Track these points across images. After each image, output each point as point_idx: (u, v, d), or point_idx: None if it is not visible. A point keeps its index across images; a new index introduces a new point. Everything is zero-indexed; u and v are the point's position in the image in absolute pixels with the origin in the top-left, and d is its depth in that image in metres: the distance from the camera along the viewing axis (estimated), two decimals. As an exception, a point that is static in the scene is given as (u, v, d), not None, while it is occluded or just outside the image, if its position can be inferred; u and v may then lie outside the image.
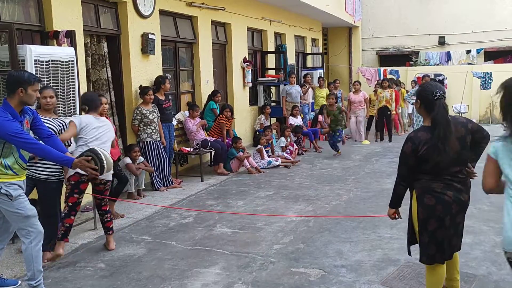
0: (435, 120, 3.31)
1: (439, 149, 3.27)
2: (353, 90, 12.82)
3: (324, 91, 13.41)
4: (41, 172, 4.69)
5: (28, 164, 4.39)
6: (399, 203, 3.61)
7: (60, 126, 4.82)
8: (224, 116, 9.23)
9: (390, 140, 12.61)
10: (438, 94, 3.34)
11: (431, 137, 3.30)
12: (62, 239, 4.73)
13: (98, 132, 4.90)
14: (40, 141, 3.89)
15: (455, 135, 3.32)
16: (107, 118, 6.10)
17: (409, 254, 3.71)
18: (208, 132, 9.27)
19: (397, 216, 3.67)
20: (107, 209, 5.14)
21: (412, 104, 10.55)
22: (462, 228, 3.55)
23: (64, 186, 5.02)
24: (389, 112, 12.42)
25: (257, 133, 10.13)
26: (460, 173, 3.41)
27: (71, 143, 5.01)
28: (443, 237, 3.40)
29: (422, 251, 3.46)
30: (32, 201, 4.65)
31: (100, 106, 5.19)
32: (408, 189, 3.55)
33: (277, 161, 9.48)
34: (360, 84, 13.03)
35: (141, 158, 7.28)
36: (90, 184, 4.96)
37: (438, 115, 3.30)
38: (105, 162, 3.82)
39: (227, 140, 9.30)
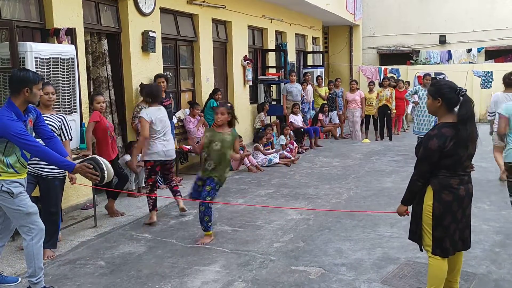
0: (466, 117, 3.33)
1: (469, 145, 3.34)
2: (350, 89, 12.89)
3: (323, 90, 13.41)
4: (45, 170, 4.69)
5: (31, 161, 4.41)
6: (412, 201, 3.62)
7: (60, 122, 4.82)
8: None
9: (390, 139, 12.61)
10: (463, 90, 3.38)
11: (456, 133, 3.33)
12: (152, 210, 6.00)
13: (163, 124, 5.93)
14: (40, 141, 3.88)
15: None
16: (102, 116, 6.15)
17: (421, 249, 3.72)
18: (208, 130, 9.27)
19: (407, 214, 3.70)
20: (173, 178, 6.40)
21: (412, 103, 10.52)
22: (470, 219, 3.61)
23: (67, 182, 5.03)
24: (389, 111, 12.42)
25: (261, 130, 10.12)
26: (468, 168, 3.50)
27: (71, 138, 5.01)
28: (455, 230, 3.46)
29: (436, 245, 3.48)
30: (34, 199, 4.66)
31: (158, 98, 6.10)
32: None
33: (275, 157, 9.49)
34: (357, 83, 13.09)
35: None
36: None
37: (470, 111, 3.34)
38: (105, 171, 3.83)
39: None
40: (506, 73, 7.48)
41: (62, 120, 4.86)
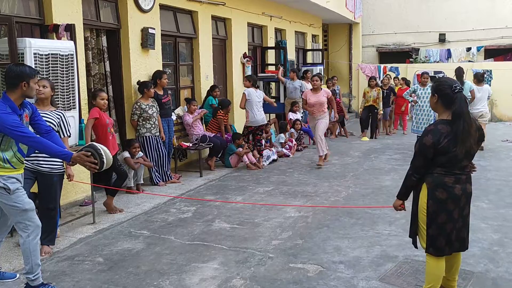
0: (457, 113, 3.34)
1: (461, 141, 3.33)
2: (312, 87, 9.40)
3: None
4: (43, 165, 4.68)
5: (30, 156, 4.41)
6: (407, 195, 3.66)
7: (59, 118, 4.81)
8: (223, 113, 9.21)
9: (375, 137, 12.45)
10: (458, 87, 3.39)
11: (451, 130, 3.34)
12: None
13: (256, 100, 8.91)
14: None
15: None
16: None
17: (416, 246, 3.74)
18: (206, 128, 9.27)
19: (403, 208, 3.72)
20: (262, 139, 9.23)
21: (411, 101, 10.49)
22: (469, 219, 3.61)
23: (65, 179, 5.02)
24: (376, 111, 12.28)
25: None
26: (467, 168, 3.50)
27: (70, 134, 5.00)
28: (452, 229, 3.47)
29: (430, 243, 3.50)
30: (33, 195, 4.66)
31: (256, 82, 9.24)
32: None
33: (273, 154, 9.50)
34: (321, 80, 9.62)
35: (140, 153, 7.28)
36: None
37: (461, 108, 3.35)
38: (104, 157, 3.81)
39: (226, 136, 9.29)
40: (479, 72, 10.58)
41: (61, 117, 4.85)
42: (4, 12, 5.73)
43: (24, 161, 3.95)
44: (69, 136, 4.98)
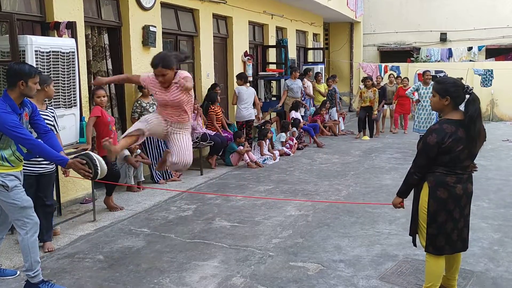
0: (476, 115, 3.34)
1: (475, 142, 3.33)
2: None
3: (322, 87, 13.36)
4: (42, 166, 4.68)
5: (32, 162, 4.44)
6: (407, 193, 3.67)
7: (53, 115, 4.83)
8: (213, 108, 9.15)
9: (371, 136, 12.41)
10: (470, 88, 3.41)
11: (456, 130, 3.35)
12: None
13: (243, 97, 9.65)
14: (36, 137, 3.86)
15: None
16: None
17: (415, 245, 3.76)
18: (206, 126, 9.26)
19: (402, 206, 3.73)
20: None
21: (414, 100, 10.47)
22: (469, 219, 3.61)
23: (61, 174, 5.03)
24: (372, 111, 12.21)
25: (262, 127, 10.09)
26: (469, 167, 3.51)
27: (60, 129, 5.00)
28: (453, 229, 3.47)
29: (429, 242, 3.51)
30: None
31: (247, 80, 9.98)
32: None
33: (275, 160, 9.46)
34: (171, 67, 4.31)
35: (138, 150, 7.29)
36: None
37: (478, 110, 3.36)
38: (99, 168, 3.81)
39: (226, 134, 9.27)
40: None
41: (54, 113, 4.88)
42: (5, 9, 5.72)
43: (23, 160, 3.95)
44: (60, 130, 5.00)
